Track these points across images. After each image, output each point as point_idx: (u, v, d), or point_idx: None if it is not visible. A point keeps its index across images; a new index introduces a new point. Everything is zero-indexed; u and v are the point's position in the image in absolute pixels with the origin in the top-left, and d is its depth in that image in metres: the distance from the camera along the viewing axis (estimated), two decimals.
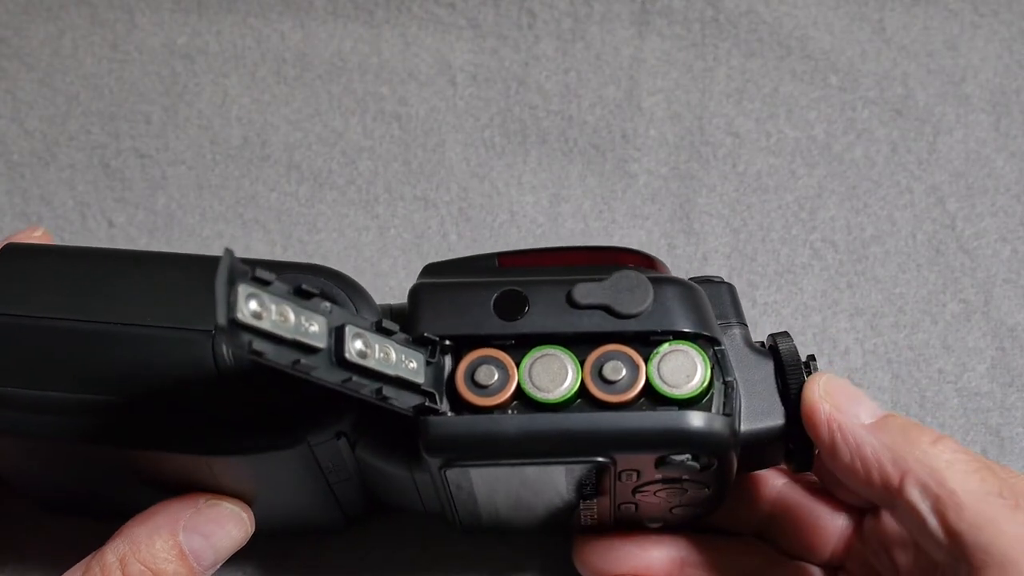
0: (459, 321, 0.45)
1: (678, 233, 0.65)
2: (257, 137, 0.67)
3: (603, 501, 0.48)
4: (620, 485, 0.47)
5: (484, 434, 0.44)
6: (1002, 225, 0.64)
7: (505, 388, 0.44)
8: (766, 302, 0.63)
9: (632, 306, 0.45)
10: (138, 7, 0.69)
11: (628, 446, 0.44)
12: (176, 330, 0.45)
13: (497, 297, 0.45)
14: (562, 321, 0.45)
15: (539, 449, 0.44)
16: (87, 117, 0.67)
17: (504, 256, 0.49)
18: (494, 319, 0.45)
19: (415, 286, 0.47)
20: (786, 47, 0.69)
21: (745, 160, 0.66)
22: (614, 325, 0.45)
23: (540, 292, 0.45)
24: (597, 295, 0.45)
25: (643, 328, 0.45)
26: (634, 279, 0.45)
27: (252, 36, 0.69)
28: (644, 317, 0.45)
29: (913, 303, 0.63)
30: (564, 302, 0.45)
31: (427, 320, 0.45)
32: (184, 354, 0.44)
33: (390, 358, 0.41)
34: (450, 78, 0.68)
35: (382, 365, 0.40)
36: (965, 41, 0.68)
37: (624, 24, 0.69)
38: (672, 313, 0.45)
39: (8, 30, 0.69)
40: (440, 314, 0.45)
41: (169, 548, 0.46)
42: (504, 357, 0.44)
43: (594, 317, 0.45)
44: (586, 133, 0.67)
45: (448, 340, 0.44)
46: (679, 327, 0.45)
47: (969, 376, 0.61)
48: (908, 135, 0.67)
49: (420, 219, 0.65)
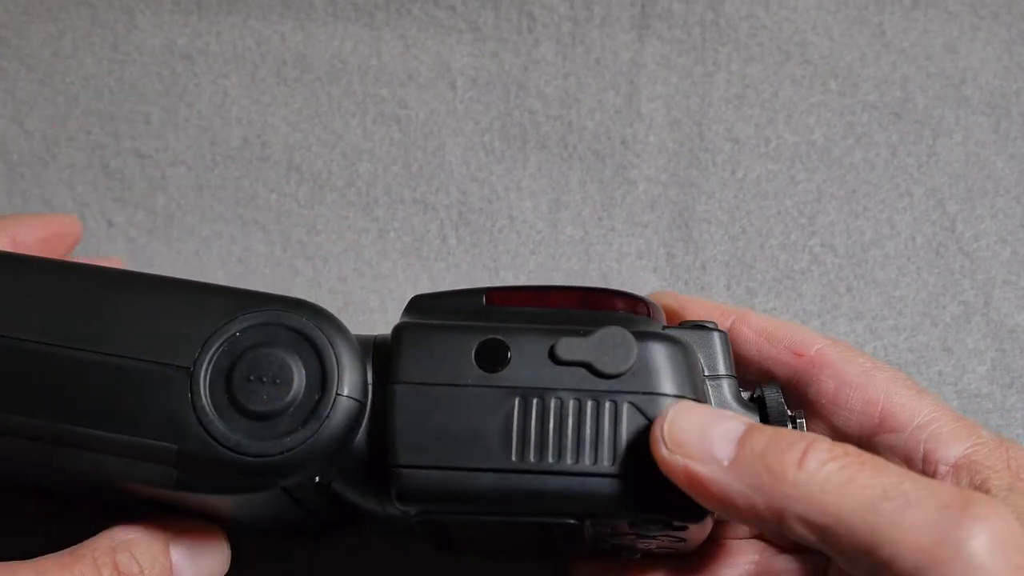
0: (438, 369, 0.45)
1: (677, 241, 0.65)
2: (257, 138, 0.67)
3: (580, 542, 0.48)
4: (596, 536, 0.47)
5: (456, 490, 0.44)
6: (1002, 227, 0.64)
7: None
8: (765, 309, 0.63)
9: (615, 366, 0.44)
10: (138, 8, 0.69)
11: (600, 512, 0.44)
12: (156, 364, 0.44)
13: (479, 346, 0.45)
14: (543, 376, 0.45)
15: (511, 507, 0.44)
16: (87, 117, 0.67)
17: (493, 292, 0.49)
18: (474, 369, 0.45)
19: (399, 325, 0.46)
20: (785, 52, 0.69)
21: (744, 166, 0.66)
22: (595, 384, 0.44)
23: (523, 343, 0.45)
24: (580, 352, 0.45)
25: (625, 388, 0.44)
26: (619, 337, 0.45)
27: (252, 37, 0.69)
28: (627, 377, 0.44)
29: (913, 306, 0.63)
30: (546, 356, 0.45)
31: (407, 366, 0.45)
32: (161, 390, 0.44)
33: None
34: (450, 81, 0.68)
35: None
36: (964, 44, 0.69)
37: (624, 28, 0.69)
38: (655, 374, 0.44)
39: (8, 30, 0.69)
40: (420, 360, 0.45)
41: (159, 558, 0.46)
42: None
43: (575, 375, 0.45)
44: (585, 138, 0.67)
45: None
46: (661, 389, 0.44)
47: (969, 378, 0.61)
48: (907, 138, 0.67)
49: (419, 222, 0.65)
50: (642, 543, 0.48)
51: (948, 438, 0.47)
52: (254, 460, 0.43)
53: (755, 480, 0.41)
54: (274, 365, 0.44)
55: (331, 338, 0.45)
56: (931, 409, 0.48)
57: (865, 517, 0.39)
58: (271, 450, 0.43)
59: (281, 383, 0.44)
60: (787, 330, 0.51)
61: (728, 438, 0.42)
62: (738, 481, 0.41)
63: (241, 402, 0.43)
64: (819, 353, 0.50)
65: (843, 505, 0.39)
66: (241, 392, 0.43)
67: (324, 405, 0.44)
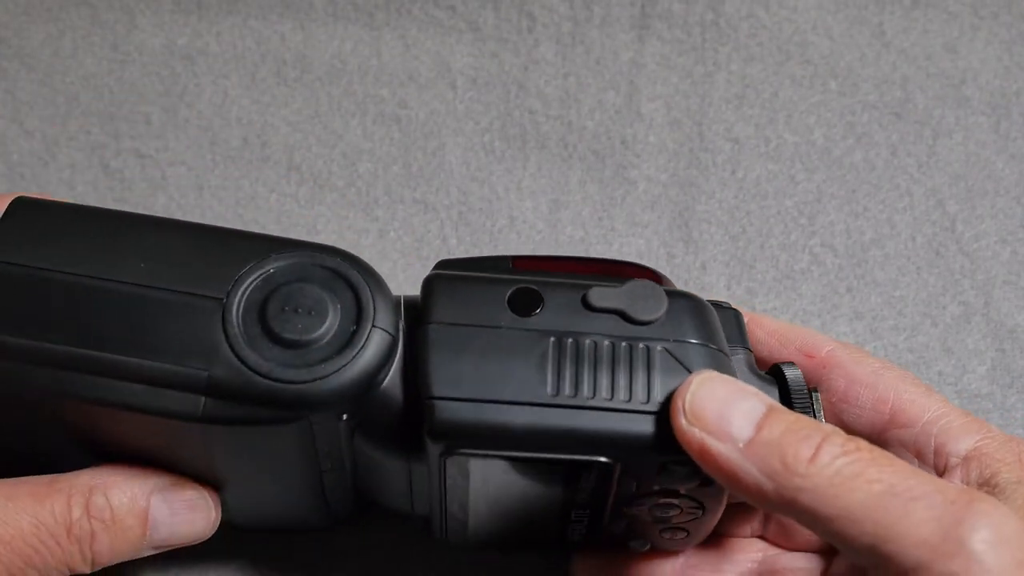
0: (472, 312, 0.45)
1: (677, 241, 0.65)
2: (257, 138, 0.67)
3: (594, 514, 0.48)
4: (617, 493, 0.47)
5: (491, 423, 0.44)
6: (1002, 227, 0.64)
7: None
8: (765, 309, 0.63)
9: (646, 313, 0.45)
10: (138, 8, 0.69)
11: (635, 449, 0.44)
12: (189, 295, 0.44)
13: (512, 293, 0.46)
14: (575, 322, 0.45)
15: (545, 443, 0.44)
16: (87, 117, 0.67)
17: (517, 259, 0.49)
18: (507, 313, 0.45)
19: (430, 276, 0.47)
20: (785, 52, 0.69)
21: (744, 166, 0.66)
22: (627, 331, 0.45)
23: (555, 292, 0.46)
24: (612, 299, 0.46)
25: (655, 335, 0.45)
26: (649, 288, 0.46)
27: (252, 37, 0.69)
28: (657, 325, 0.45)
29: (913, 306, 0.63)
30: (579, 303, 0.46)
31: (440, 309, 0.45)
32: (193, 319, 0.44)
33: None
34: (450, 81, 0.68)
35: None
36: (964, 44, 0.69)
37: (624, 28, 0.69)
38: (684, 324, 0.45)
39: (8, 30, 0.69)
40: (453, 304, 0.45)
41: (137, 503, 0.46)
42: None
43: (607, 321, 0.45)
44: (586, 139, 0.67)
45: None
46: (690, 338, 0.45)
47: (969, 378, 0.61)
48: (908, 138, 0.67)
49: (419, 222, 0.65)
50: (657, 511, 0.48)
51: (958, 432, 0.47)
52: (285, 387, 0.43)
53: (767, 467, 0.41)
54: (309, 298, 0.44)
55: (366, 277, 0.45)
56: (940, 405, 0.49)
57: (871, 511, 0.39)
58: (304, 377, 0.43)
59: (316, 314, 0.44)
60: (798, 333, 0.51)
61: (748, 417, 0.42)
62: (751, 464, 0.41)
63: (275, 331, 0.43)
64: (830, 354, 0.50)
65: (851, 498, 0.40)
66: (275, 321, 0.44)
67: (360, 336, 0.44)
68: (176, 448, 0.46)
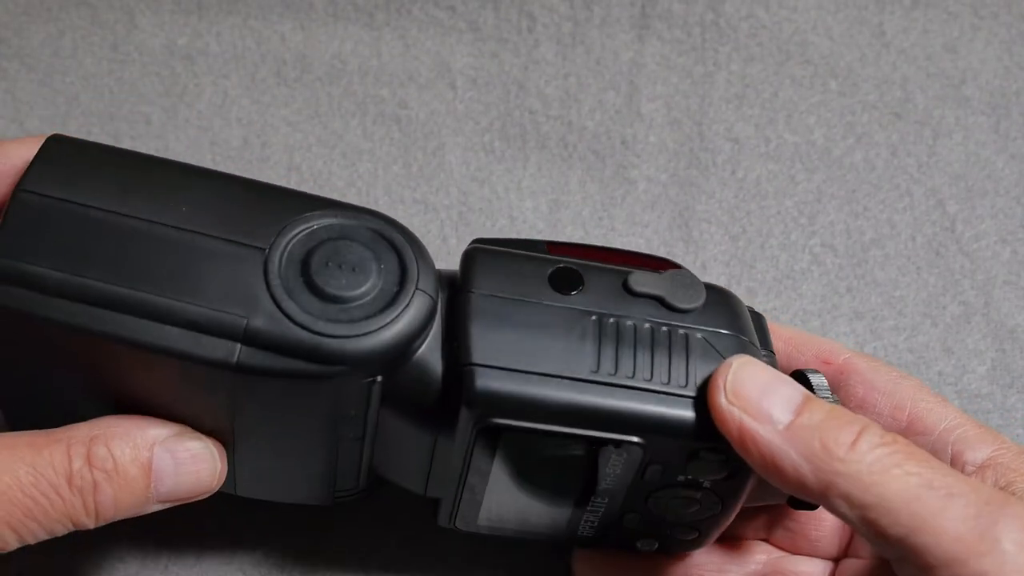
0: (513, 286, 0.45)
1: (677, 241, 0.65)
2: (257, 138, 0.67)
3: (612, 505, 0.48)
4: (641, 482, 0.47)
5: (530, 395, 0.44)
6: (1002, 227, 0.64)
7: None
8: (765, 309, 0.63)
9: (686, 301, 0.46)
10: (138, 8, 0.69)
11: (671, 431, 0.44)
12: (232, 243, 0.44)
13: (553, 271, 0.46)
14: (616, 304, 0.46)
15: (581, 419, 0.44)
16: (87, 117, 0.67)
17: (552, 244, 0.49)
18: (548, 290, 0.46)
19: (469, 248, 0.47)
20: (786, 52, 0.69)
21: (744, 166, 0.66)
22: (666, 316, 0.46)
23: (595, 274, 0.46)
24: (652, 285, 0.46)
25: (693, 324, 0.46)
26: (689, 278, 0.47)
27: (252, 37, 0.69)
28: (695, 314, 0.46)
29: (913, 306, 0.63)
30: (620, 287, 0.46)
31: (481, 278, 0.46)
32: (234, 266, 0.43)
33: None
34: (450, 81, 0.68)
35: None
36: (964, 44, 0.69)
37: (624, 28, 0.69)
38: (720, 316, 0.46)
39: (8, 30, 0.69)
40: (494, 276, 0.46)
41: (140, 453, 0.45)
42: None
43: (647, 306, 0.46)
44: (586, 138, 0.67)
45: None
46: (725, 329, 0.46)
47: (969, 378, 0.61)
48: (908, 138, 0.67)
49: (420, 222, 0.65)
50: (676, 503, 0.48)
51: (974, 441, 0.48)
52: (324, 340, 0.43)
53: (807, 451, 0.41)
54: (354, 255, 0.44)
55: (409, 241, 0.45)
56: (955, 415, 0.49)
57: (908, 502, 0.40)
58: (343, 332, 0.43)
59: (359, 271, 0.44)
60: (815, 340, 0.52)
61: (788, 402, 0.43)
62: (790, 447, 0.42)
63: (317, 284, 0.43)
64: (847, 362, 0.51)
65: (889, 487, 0.40)
66: (318, 275, 0.43)
67: (403, 296, 0.44)
68: (194, 400, 0.45)
